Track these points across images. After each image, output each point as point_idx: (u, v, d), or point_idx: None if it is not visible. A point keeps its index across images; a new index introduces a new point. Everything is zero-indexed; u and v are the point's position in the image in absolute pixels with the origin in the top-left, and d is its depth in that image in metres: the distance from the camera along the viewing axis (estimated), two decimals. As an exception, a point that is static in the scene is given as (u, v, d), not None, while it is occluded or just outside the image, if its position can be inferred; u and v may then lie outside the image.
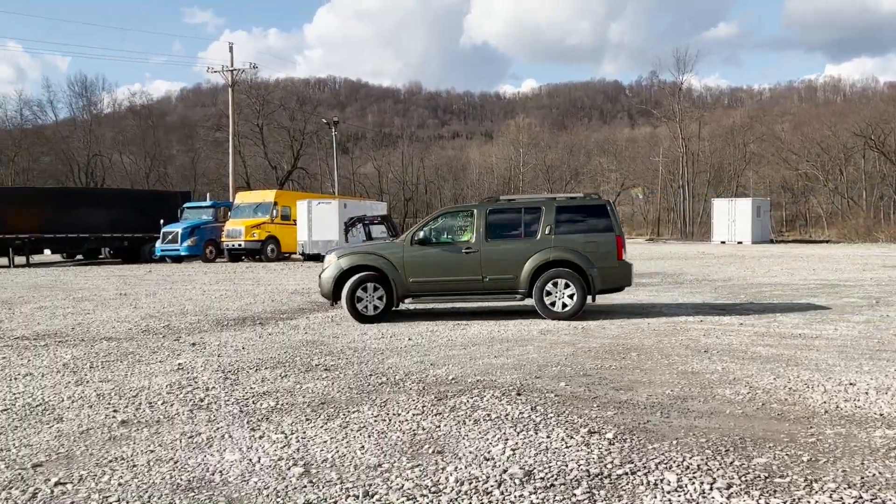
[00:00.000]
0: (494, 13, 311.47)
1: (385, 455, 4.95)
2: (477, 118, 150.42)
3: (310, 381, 7.40)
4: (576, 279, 11.64)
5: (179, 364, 8.38)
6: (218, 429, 5.66)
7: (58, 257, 36.37)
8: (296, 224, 32.80)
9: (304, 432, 5.53)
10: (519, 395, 6.63)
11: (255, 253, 32.83)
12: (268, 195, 34.90)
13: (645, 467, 4.64)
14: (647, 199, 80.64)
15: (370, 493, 4.25)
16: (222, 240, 33.00)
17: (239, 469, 4.70)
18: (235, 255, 32.89)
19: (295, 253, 33.26)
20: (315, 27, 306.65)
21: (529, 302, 12.10)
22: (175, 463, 4.84)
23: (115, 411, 6.26)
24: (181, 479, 4.53)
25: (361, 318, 11.73)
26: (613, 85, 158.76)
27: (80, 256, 36.91)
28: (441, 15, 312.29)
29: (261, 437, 5.40)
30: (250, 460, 4.87)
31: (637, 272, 14.84)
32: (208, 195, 43.93)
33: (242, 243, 32.38)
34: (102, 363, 8.54)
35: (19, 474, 4.67)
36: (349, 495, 4.23)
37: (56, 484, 4.47)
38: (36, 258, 33.62)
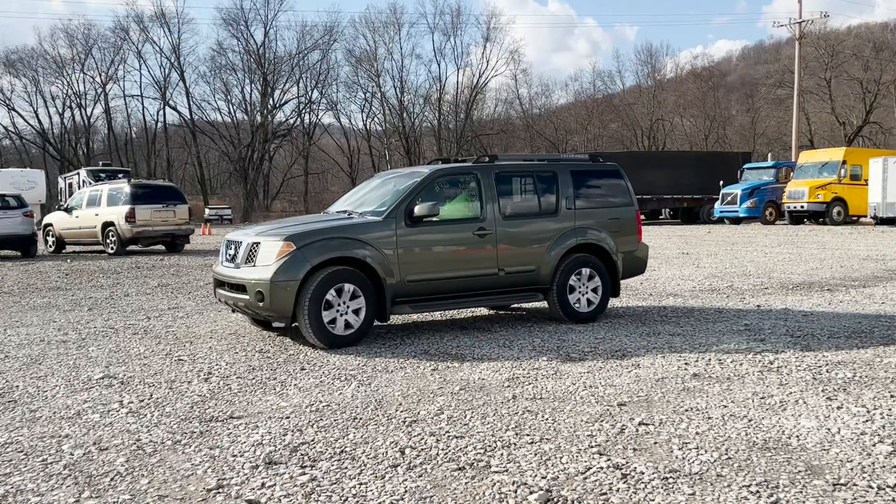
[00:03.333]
0: None
1: None
2: None
3: (892, 355, 6.74)
4: (601, 269, 8.80)
5: (745, 325, 8.38)
6: (790, 393, 5.52)
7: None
8: (867, 185, 29.90)
9: (890, 409, 5.07)
10: None
11: (818, 215, 30.92)
12: (835, 153, 32.41)
13: None
14: None
15: (978, 489, 3.72)
16: (783, 201, 31.81)
17: (817, 437, 4.53)
18: (797, 218, 31.43)
19: (865, 216, 30.39)
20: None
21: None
22: (749, 421, 4.87)
23: (686, 364, 6.54)
24: (756, 438, 4.54)
25: (334, 340, 7.37)
26: None
27: (641, 217, 39.16)
28: None
29: (839, 408, 5.11)
30: (828, 430, 4.65)
31: None
32: (769, 155, 42.55)
33: (805, 205, 30.73)
34: (672, 319, 8.99)
35: (607, 410, 5.20)
36: (950, 486, 3.76)
37: (640, 424, 4.86)
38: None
